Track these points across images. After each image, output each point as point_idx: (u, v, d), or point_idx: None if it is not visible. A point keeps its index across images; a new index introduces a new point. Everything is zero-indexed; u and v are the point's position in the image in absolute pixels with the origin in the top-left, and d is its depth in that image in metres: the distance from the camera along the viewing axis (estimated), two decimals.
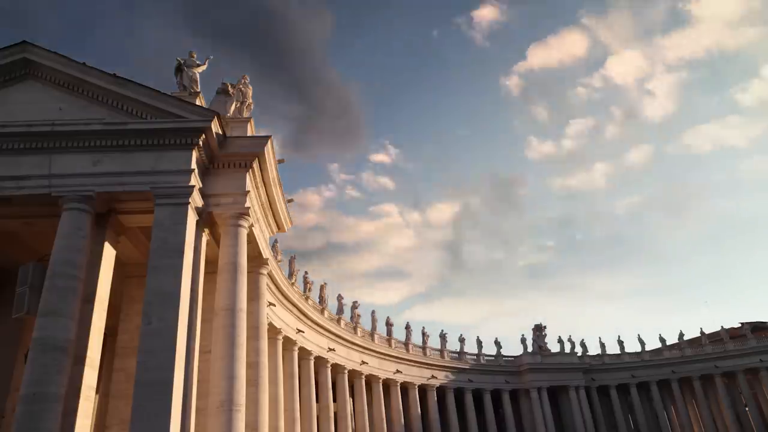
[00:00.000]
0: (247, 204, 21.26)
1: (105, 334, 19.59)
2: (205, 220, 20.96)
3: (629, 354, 77.19)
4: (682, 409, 73.47)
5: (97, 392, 20.99)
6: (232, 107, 23.37)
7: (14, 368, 21.87)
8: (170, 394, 15.93)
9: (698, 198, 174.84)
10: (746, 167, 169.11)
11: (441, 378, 65.33)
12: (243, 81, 24.27)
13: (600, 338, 78.82)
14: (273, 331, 35.77)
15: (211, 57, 23.38)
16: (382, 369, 57.34)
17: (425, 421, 62.03)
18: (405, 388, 61.02)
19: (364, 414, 52.71)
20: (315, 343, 45.44)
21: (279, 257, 40.56)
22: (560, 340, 76.10)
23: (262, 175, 23.08)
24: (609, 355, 77.52)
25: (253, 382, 21.75)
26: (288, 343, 40.15)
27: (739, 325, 78.69)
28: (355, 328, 54.48)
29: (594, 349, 77.46)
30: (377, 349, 57.13)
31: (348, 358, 51.59)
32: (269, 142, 22.08)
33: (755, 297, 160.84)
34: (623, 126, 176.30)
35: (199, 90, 22.02)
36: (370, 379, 55.57)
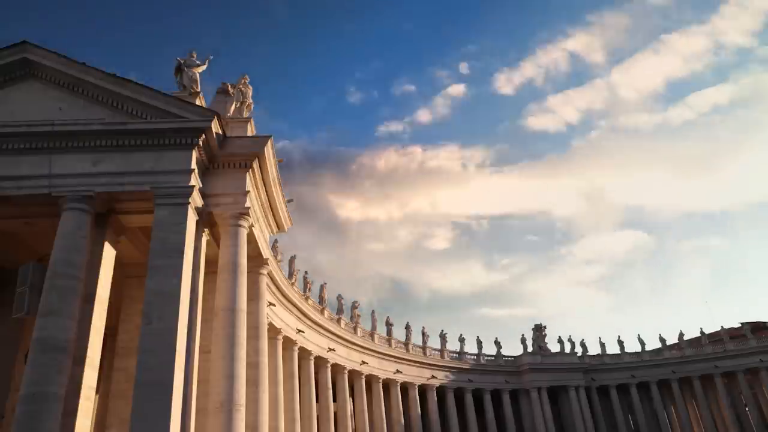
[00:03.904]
0: (247, 204, 21.25)
1: (105, 334, 19.61)
2: (205, 220, 20.95)
3: (629, 354, 77.10)
4: (682, 409, 73.40)
5: (97, 392, 20.97)
6: (232, 107, 23.40)
7: (14, 368, 21.87)
8: (170, 394, 15.94)
9: None
10: None
11: (441, 378, 65.27)
12: (243, 81, 24.27)
13: (600, 338, 78.91)
14: (273, 331, 35.77)
15: (211, 57, 23.39)
16: (382, 369, 57.31)
17: (425, 421, 61.99)
18: (405, 388, 60.97)
19: (364, 414, 52.68)
20: (315, 343, 45.43)
21: (279, 257, 40.58)
22: (560, 340, 76.14)
23: (262, 175, 23.06)
24: (609, 355, 77.46)
25: (253, 382, 21.74)
26: (288, 343, 40.15)
27: (739, 325, 78.61)
28: (355, 328, 54.47)
29: (594, 349, 77.60)
30: (377, 349, 57.10)
31: (348, 358, 51.59)
32: (269, 142, 22.08)
33: (755, 297, 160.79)
34: None
35: (199, 90, 21.98)
36: (370, 379, 55.55)
